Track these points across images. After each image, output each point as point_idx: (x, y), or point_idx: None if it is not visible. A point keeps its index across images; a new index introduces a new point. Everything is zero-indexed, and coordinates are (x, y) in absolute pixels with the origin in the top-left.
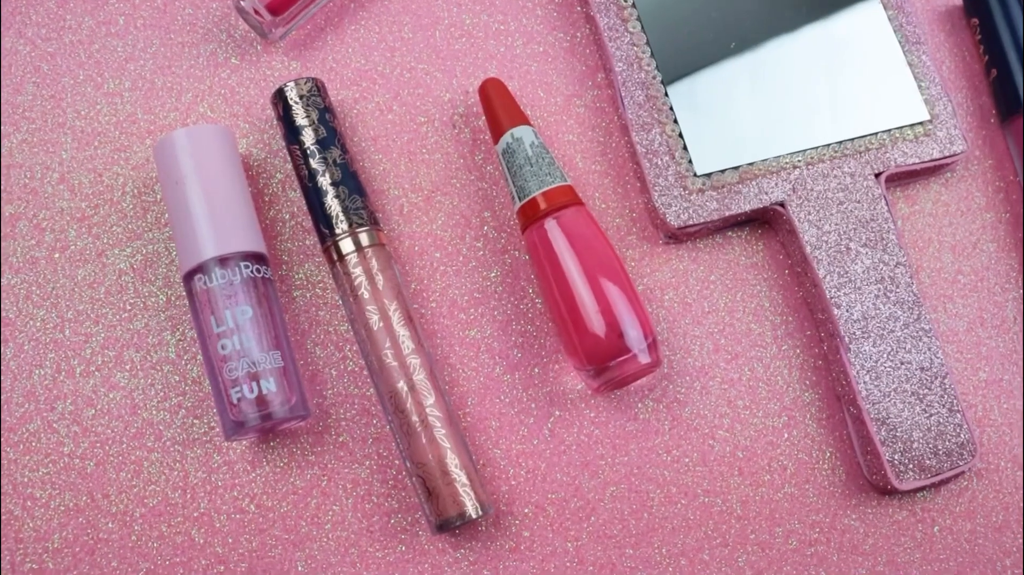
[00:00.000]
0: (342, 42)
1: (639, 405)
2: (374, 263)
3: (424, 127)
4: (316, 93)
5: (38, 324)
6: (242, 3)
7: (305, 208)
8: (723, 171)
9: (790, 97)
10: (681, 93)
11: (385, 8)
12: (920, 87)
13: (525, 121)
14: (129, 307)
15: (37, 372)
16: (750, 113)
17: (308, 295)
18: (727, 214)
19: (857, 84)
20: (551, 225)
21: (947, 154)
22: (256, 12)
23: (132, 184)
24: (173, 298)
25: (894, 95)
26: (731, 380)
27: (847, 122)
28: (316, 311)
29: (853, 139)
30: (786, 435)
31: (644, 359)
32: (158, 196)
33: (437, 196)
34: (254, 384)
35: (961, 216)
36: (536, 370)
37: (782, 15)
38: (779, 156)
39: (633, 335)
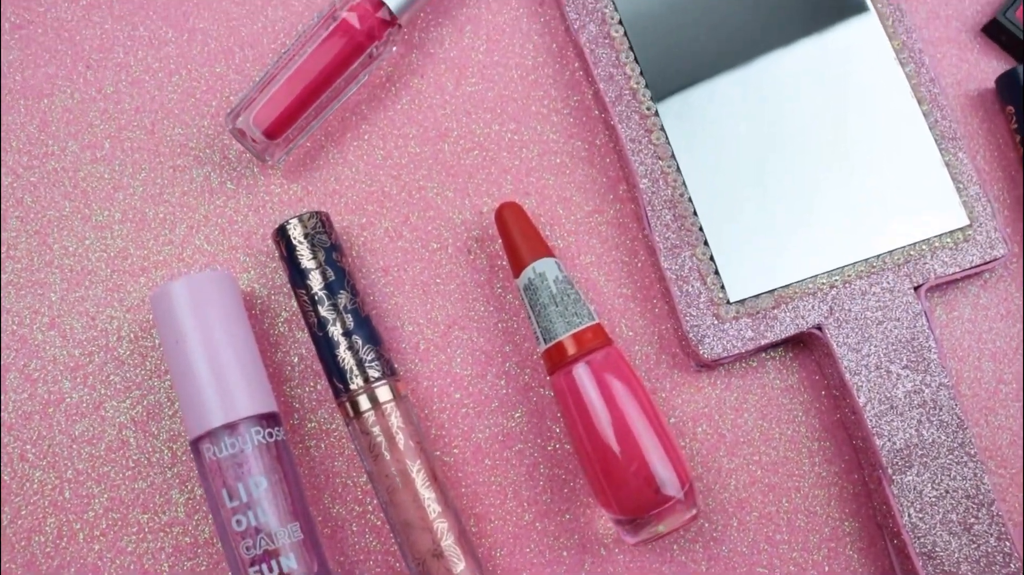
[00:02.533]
0: (345, 160)
1: (674, 546)
2: (393, 420)
3: (438, 254)
4: (321, 229)
5: (35, 486)
6: (238, 127)
7: (314, 350)
8: (757, 296)
9: (824, 210)
10: (711, 212)
11: (389, 120)
12: (958, 189)
13: (547, 251)
14: (132, 464)
15: (36, 539)
16: (783, 230)
17: (323, 445)
18: (763, 342)
19: (893, 191)
20: (580, 371)
21: (987, 259)
22: (253, 139)
23: (128, 328)
24: (179, 452)
25: (931, 200)
26: (768, 514)
27: (883, 233)
28: (332, 462)
29: (891, 251)
30: (827, 568)
31: (682, 509)
32: (156, 341)
33: (455, 331)
34: (274, 562)
35: (1001, 320)
36: (567, 516)
37: (812, 126)
38: (815, 275)
39: (669, 483)
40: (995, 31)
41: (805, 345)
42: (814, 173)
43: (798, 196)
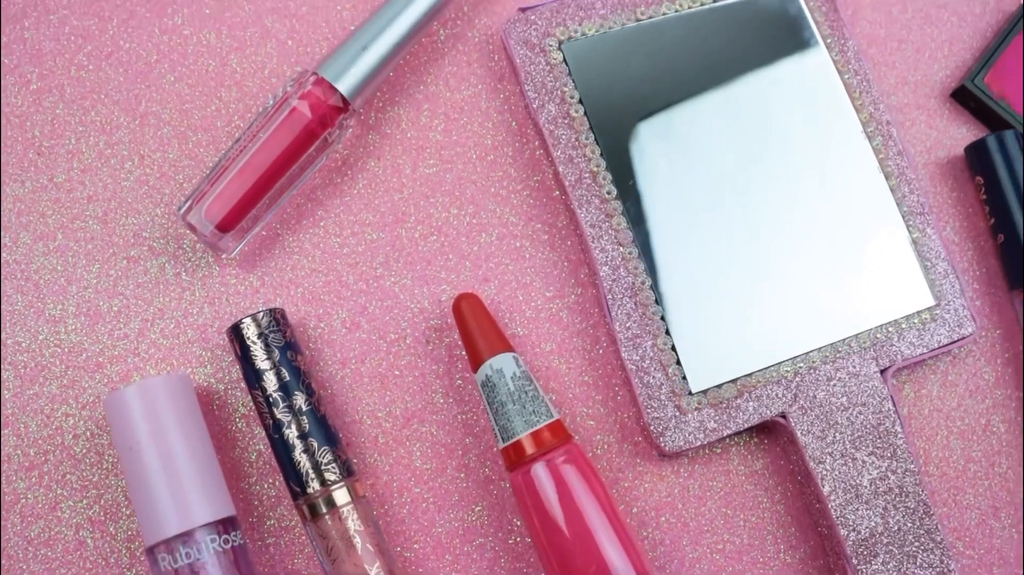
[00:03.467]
0: (302, 249)
1: None
2: (351, 523)
3: (396, 345)
4: (275, 327)
5: None
6: (190, 220)
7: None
8: (720, 386)
9: (789, 295)
10: (673, 300)
11: (345, 206)
12: (925, 267)
13: (505, 346)
14: (90, 566)
15: None
16: (747, 317)
17: (283, 542)
18: (726, 433)
19: (859, 271)
20: (538, 470)
21: (955, 338)
22: (205, 235)
23: (84, 425)
24: (137, 552)
25: (898, 280)
26: None
27: (849, 316)
28: (292, 560)
29: (857, 335)
30: None
31: None
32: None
33: (414, 424)
34: None
35: (970, 396)
36: None
37: (776, 210)
38: (779, 363)
39: None
40: (964, 97)
41: (771, 430)
42: (778, 257)
43: (762, 281)
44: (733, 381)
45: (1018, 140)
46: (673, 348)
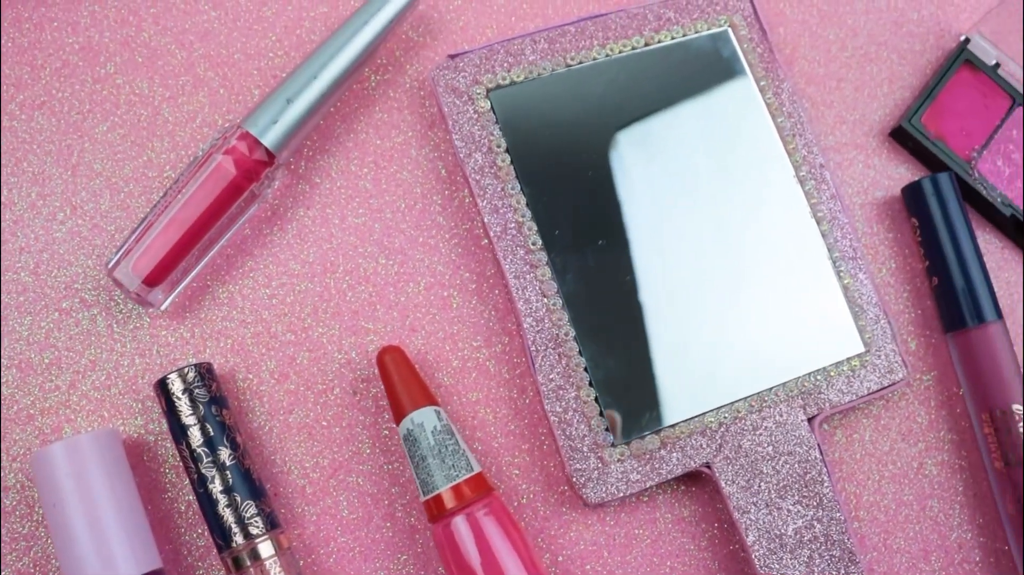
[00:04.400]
0: (231, 300)
1: None
2: (273, 571)
3: (323, 396)
4: (200, 382)
5: None
6: (117, 275)
7: None
8: (643, 437)
9: (715, 345)
10: (596, 352)
11: (274, 256)
12: (856, 313)
13: (427, 400)
14: None
15: None
16: (672, 369)
17: None
18: (648, 484)
19: (787, 319)
20: (458, 523)
21: (886, 384)
22: (132, 291)
23: (14, 478)
24: None
25: (827, 327)
26: None
27: (776, 365)
28: None
29: (784, 383)
30: None
31: None
32: None
33: (340, 474)
34: None
35: (903, 440)
36: None
37: (703, 260)
38: (704, 413)
39: None
40: (902, 137)
41: (698, 478)
42: (705, 306)
43: (687, 331)
44: (656, 432)
45: (952, 183)
46: (596, 400)
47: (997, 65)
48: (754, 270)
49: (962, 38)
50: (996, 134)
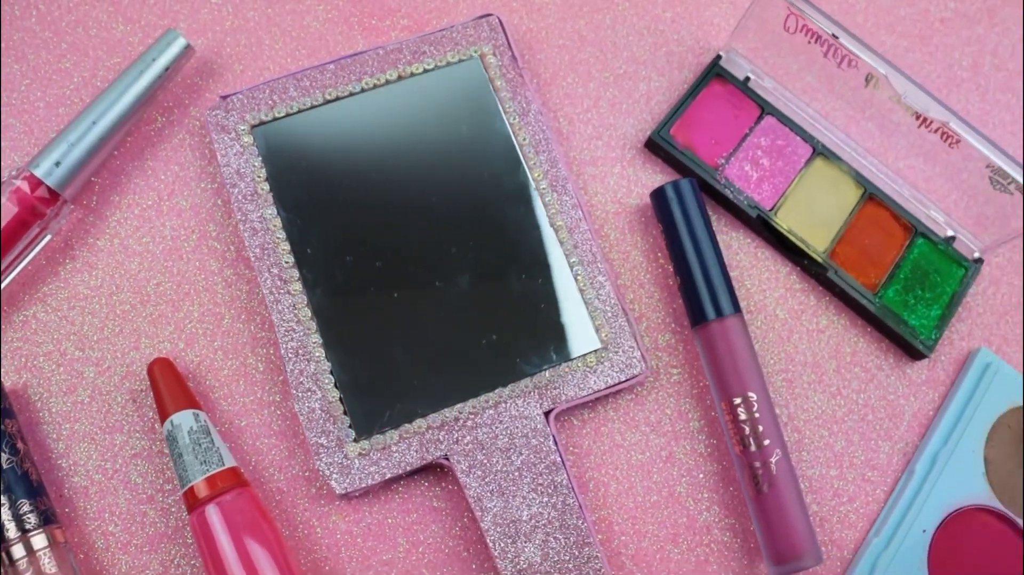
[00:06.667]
0: (26, 323)
1: None
2: (46, 566)
3: (107, 405)
4: None
5: None
6: None
7: None
8: (383, 432)
9: (455, 344)
10: (342, 357)
11: (65, 283)
12: (593, 312)
13: (187, 404)
14: None
15: None
16: (412, 368)
17: None
18: (388, 476)
19: (525, 321)
20: (210, 511)
21: (624, 379)
22: None
23: None
24: None
25: (566, 325)
26: None
27: (515, 364)
28: None
29: (522, 380)
30: None
31: None
32: None
33: (120, 475)
34: None
35: (652, 431)
36: None
37: (444, 262)
38: (443, 409)
39: None
40: (654, 148)
41: (446, 469)
42: (446, 314)
43: (429, 337)
44: (396, 427)
45: (693, 187)
46: (341, 400)
47: (748, 79)
48: (496, 276)
49: (716, 55)
50: (744, 142)
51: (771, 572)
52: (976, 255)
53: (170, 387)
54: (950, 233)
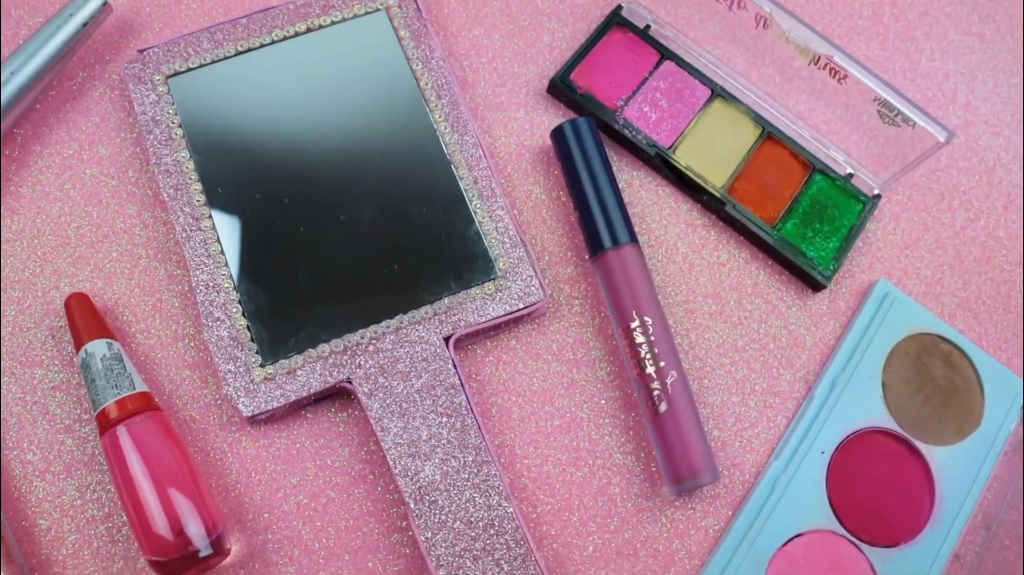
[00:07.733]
0: None
1: None
2: None
3: (26, 340)
4: None
5: None
6: None
7: None
8: (289, 357)
9: (356, 273)
10: (250, 287)
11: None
12: (491, 244)
13: (101, 333)
14: None
15: None
16: (316, 297)
17: None
18: (293, 399)
19: (426, 252)
20: (120, 432)
21: (523, 306)
22: None
23: None
24: None
25: (466, 256)
26: (328, 548)
27: (416, 292)
28: None
29: (422, 307)
30: None
31: (206, 552)
32: None
33: (39, 406)
34: None
35: (554, 358)
36: (119, 563)
37: (352, 200)
38: (345, 335)
39: (195, 532)
40: (556, 92)
41: (351, 397)
42: (350, 245)
43: (333, 267)
44: (300, 352)
45: (590, 125)
46: (248, 328)
47: (648, 27)
48: (398, 211)
49: (618, 5)
50: (643, 85)
51: (670, 491)
52: (876, 192)
53: (85, 319)
54: (849, 171)
